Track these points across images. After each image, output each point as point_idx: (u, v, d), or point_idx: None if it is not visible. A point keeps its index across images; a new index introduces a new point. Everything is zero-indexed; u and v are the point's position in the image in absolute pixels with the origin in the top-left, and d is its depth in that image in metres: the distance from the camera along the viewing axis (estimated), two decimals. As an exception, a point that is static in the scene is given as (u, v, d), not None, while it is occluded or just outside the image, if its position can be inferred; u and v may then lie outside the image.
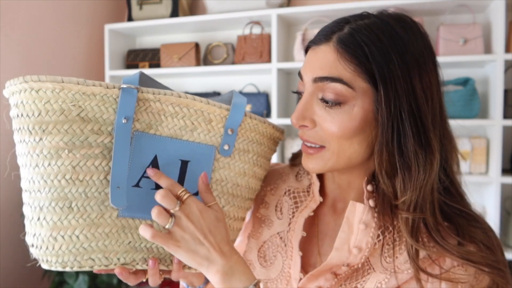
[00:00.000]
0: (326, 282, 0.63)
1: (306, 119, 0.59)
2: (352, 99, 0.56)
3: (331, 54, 0.56)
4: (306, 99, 0.59)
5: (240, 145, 0.64)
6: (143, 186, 0.58)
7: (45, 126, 0.53)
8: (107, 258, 0.57)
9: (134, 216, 0.59)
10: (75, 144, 0.53)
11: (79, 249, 0.55)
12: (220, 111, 0.61)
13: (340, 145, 0.58)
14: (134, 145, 0.57)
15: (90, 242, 0.56)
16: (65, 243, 0.55)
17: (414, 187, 0.55)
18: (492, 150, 1.83)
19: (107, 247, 0.57)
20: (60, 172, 0.53)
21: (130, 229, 0.59)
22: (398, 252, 0.59)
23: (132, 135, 0.56)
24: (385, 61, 0.54)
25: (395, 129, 0.54)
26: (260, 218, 0.75)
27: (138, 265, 0.60)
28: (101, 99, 0.54)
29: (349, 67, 0.55)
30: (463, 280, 0.55)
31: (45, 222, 0.54)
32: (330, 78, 0.56)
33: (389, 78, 0.54)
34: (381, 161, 0.56)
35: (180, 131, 0.59)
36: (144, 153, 0.58)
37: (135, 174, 0.57)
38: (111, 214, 0.57)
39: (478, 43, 1.82)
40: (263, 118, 0.67)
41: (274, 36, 2.10)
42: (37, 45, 2.12)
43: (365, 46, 0.54)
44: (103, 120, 0.54)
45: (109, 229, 0.57)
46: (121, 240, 0.58)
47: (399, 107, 0.54)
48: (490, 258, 0.55)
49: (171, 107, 0.58)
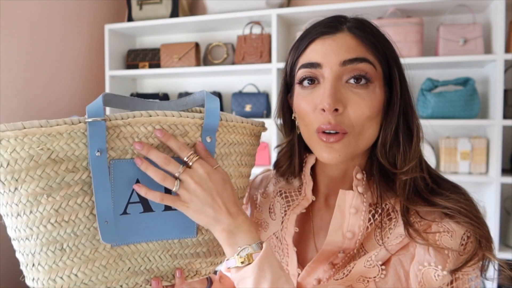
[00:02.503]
0: (324, 273, 0.64)
1: (340, 102, 0.59)
2: (375, 79, 0.61)
3: (351, 39, 0.61)
4: (333, 83, 0.59)
5: (221, 150, 0.63)
6: (130, 212, 0.57)
7: (17, 175, 0.51)
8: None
9: (128, 242, 0.58)
10: (53, 187, 0.52)
11: (80, 286, 0.55)
12: (194, 121, 0.60)
13: (363, 127, 0.61)
14: (113, 174, 0.55)
15: (90, 277, 0.55)
16: (65, 283, 0.54)
17: (414, 155, 0.62)
18: (492, 150, 1.83)
19: (107, 278, 0.57)
20: (44, 218, 0.52)
21: (127, 256, 0.58)
22: (389, 232, 0.61)
23: (109, 164, 0.55)
24: (391, 48, 0.63)
25: (402, 106, 0.62)
26: (257, 223, 0.76)
27: (141, 287, 0.60)
28: (69, 137, 0.52)
29: (369, 50, 0.61)
30: (449, 246, 0.57)
31: (41, 267, 0.54)
32: (359, 59, 0.60)
33: (396, 62, 0.63)
34: (387, 136, 0.62)
35: (158, 149, 0.58)
36: (125, 180, 0.56)
37: (121, 203, 0.56)
38: (105, 246, 0.56)
39: (478, 43, 1.82)
40: (239, 117, 0.65)
41: (274, 36, 2.10)
42: (37, 45, 2.12)
43: (375, 34, 0.62)
44: (76, 157, 0.53)
45: (106, 261, 0.56)
46: (120, 268, 0.58)
47: (406, 86, 0.63)
48: (471, 212, 0.59)
49: (143, 128, 0.56)
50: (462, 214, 0.58)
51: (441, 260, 0.56)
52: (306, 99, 0.62)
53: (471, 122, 1.82)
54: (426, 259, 0.57)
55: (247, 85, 2.36)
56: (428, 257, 0.57)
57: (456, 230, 0.58)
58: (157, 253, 0.61)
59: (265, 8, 2.13)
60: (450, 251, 0.57)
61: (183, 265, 0.64)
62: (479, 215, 0.60)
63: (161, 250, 0.62)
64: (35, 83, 2.11)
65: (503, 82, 1.78)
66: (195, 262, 0.65)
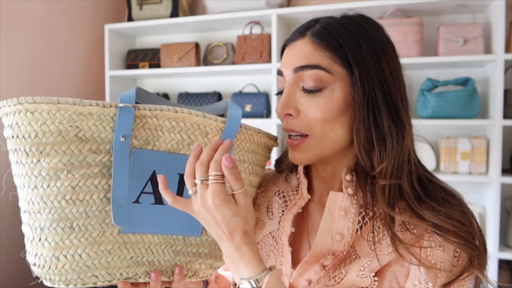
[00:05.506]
0: (315, 274, 0.64)
1: (290, 108, 0.62)
2: (331, 84, 0.60)
3: (307, 46, 0.62)
4: (288, 89, 0.63)
5: (236, 155, 0.65)
6: (142, 202, 0.59)
7: (43, 147, 0.52)
8: (110, 274, 0.58)
9: (135, 232, 0.59)
10: (74, 164, 0.53)
11: (82, 267, 0.56)
12: (216, 124, 0.62)
13: (323, 129, 0.61)
14: (132, 162, 0.57)
15: (93, 260, 0.56)
16: (68, 262, 0.55)
17: (389, 158, 0.59)
18: (492, 150, 1.83)
19: (109, 264, 0.57)
20: (60, 193, 0.53)
21: (132, 245, 0.59)
22: (382, 238, 0.61)
23: (130, 152, 0.56)
24: (357, 47, 0.60)
25: (370, 106, 0.60)
26: None
27: (140, 278, 0.61)
28: (98, 118, 0.54)
29: (325, 54, 0.60)
30: (441, 260, 0.57)
31: (47, 242, 0.54)
32: (310, 66, 0.61)
33: (361, 61, 0.60)
34: (359, 137, 0.60)
35: (177, 145, 0.60)
36: (143, 169, 0.58)
37: (135, 191, 0.58)
38: (112, 231, 0.57)
39: (478, 43, 1.82)
40: (257, 128, 0.68)
41: (274, 36, 2.10)
42: (37, 45, 2.12)
43: (338, 36, 0.61)
44: (101, 139, 0.54)
45: (111, 246, 0.57)
46: (123, 255, 0.58)
47: (373, 86, 0.60)
48: (461, 229, 0.57)
49: (167, 122, 0.58)
50: (452, 234, 0.57)
51: (431, 277, 0.56)
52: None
53: (471, 122, 1.82)
54: (417, 276, 0.57)
55: (247, 85, 2.36)
56: (419, 274, 0.57)
57: (448, 244, 0.57)
58: (160, 246, 0.62)
59: (265, 8, 2.13)
60: (443, 264, 0.57)
61: (184, 263, 0.65)
62: (473, 229, 0.58)
63: (165, 244, 0.63)
64: (35, 83, 2.11)
65: (503, 82, 1.78)
66: (195, 261, 0.66)
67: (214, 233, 0.56)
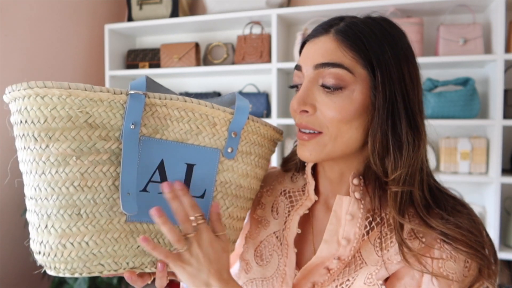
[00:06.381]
0: (320, 277, 0.64)
1: (307, 104, 0.61)
2: (352, 84, 0.59)
3: (331, 43, 0.61)
4: (307, 85, 0.61)
5: (243, 147, 0.65)
6: (150, 190, 0.58)
7: (52, 133, 0.52)
8: (116, 263, 0.57)
9: (142, 220, 0.59)
10: (83, 150, 0.53)
11: (88, 255, 0.55)
12: (225, 115, 0.62)
13: (339, 129, 0.60)
14: (141, 150, 0.57)
15: (100, 248, 0.55)
16: (74, 250, 0.54)
17: (404, 165, 0.59)
18: (492, 150, 1.83)
19: (116, 252, 0.57)
20: (68, 179, 0.53)
21: (139, 233, 0.59)
22: (390, 245, 0.61)
23: (139, 140, 0.56)
24: (381, 50, 0.59)
25: (389, 111, 0.59)
26: (257, 219, 0.76)
27: (147, 268, 0.60)
28: (109, 105, 0.54)
29: (348, 54, 0.59)
30: (453, 271, 0.57)
31: (53, 229, 0.54)
32: (332, 64, 0.59)
33: (384, 64, 0.59)
34: (375, 141, 0.60)
35: (186, 135, 0.60)
36: (151, 158, 0.58)
37: (143, 179, 0.58)
38: (119, 220, 0.57)
39: (478, 43, 1.82)
40: (264, 120, 0.68)
41: (274, 36, 2.10)
42: (37, 45, 2.11)
43: (363, 37, 0.59)
44: (111, 126, 0.54)
45: (118, 234, 0.57)
46: (130, 244, 0.58)
47: (394, 91, 0.59)
48: (470, 239, 0.57)
49: (177, 112, 0.58)
50: (461, 243, 0.57)
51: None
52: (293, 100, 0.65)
53: (471, 122, 1.83)
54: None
55: (247, 85, 2.36)
56: (432, 287, 0.57)
57: (458, 254, 0.57)
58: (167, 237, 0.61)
59: (265, 8, 2.13)
60: (455, 275, 0.56)
61: None
62: (482, 239, 0.58)
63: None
64: (35, 83, 2.11)
65: (503, 82, 1.78)
66: None
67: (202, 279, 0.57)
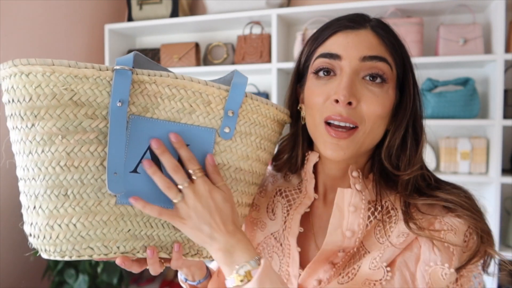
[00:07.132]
0: (325, 274, 0.63)
1: (353, 96, 0.59)
2: (390, 80, 0.61)
3: (373, 38, 0.62)
4: (350, 76, 0.60)
5: (241, 127, 0.62)
6: (141, 172, 0.56)
7: (37, 111, 0.51)
8: (106, 246, 0.56)
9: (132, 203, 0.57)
10: (69, 129, 0.52)
11: (77, 238, 0.54)
12: (220, 92, 0.59)
13: (373, 124, 0.61)
14: (130, 129, 0.55)
15: (88, 230, 0.54)
16: (62, 232, 0.53)
17: (418, 161, 0.62)
18: (492, 150, 1.83)
19: (105, 236, 0.56)
20: (54, 159, 0.52)
21: (129, 217, 0.57)
22: (390, 230, 0.61)
23: (128, 119, 0.54)
24: (406, 53, 0.64)
25: (413, 111, 0.63)
26: (252, 221, 0.75)
27: (138, 253, 0.58)
28: (94, 82, 0.52)
29: (389, 51, 0.62)
30: (454, 243, 0.57)
31: (41, 210, 0.53)
32: (379, 58, 0.60)
33: (409, 65, 0.64)
34: (395, 138, 0.62)
35: (178, 114, 0.57)
36: (141, 138, 0.56)
37: (133, 160, 0.55)
38: (108, 202, 0.55)
39: (478, 43, 1.82)
40: (266, 99, 0.64)
41: (274, 36, 2.10)
42: (37, 45, 2.12)
43: (395, 37, 0.63)
44: (97, 104, 0.53)
45: (107, 217, 0.55)
46: (120, 228, 0.56)
47: (417, 91, 0.64)
48: (470, 205, 0.60)
49: (167, 89, 0.56)
50: (464, 208, 0.58)
51: (447, 258, 0.56)
52: (320, 90, 0.62)
53: (471, 122, 1.82)
54: (432, 258, 0.57)
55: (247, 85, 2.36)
56: (433, 256, 0.57)
57: (459, 226, 0.58)
58: (159, 220, 0.60)
59: (265, 8, 2.13)
60: (454, 248, 0.57)
61: (185, 240, 0.62)
62: (480, 210, 0.60)
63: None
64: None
65: (503, 82, 1.77)
66: None
67: (206, 232, 0.56)
